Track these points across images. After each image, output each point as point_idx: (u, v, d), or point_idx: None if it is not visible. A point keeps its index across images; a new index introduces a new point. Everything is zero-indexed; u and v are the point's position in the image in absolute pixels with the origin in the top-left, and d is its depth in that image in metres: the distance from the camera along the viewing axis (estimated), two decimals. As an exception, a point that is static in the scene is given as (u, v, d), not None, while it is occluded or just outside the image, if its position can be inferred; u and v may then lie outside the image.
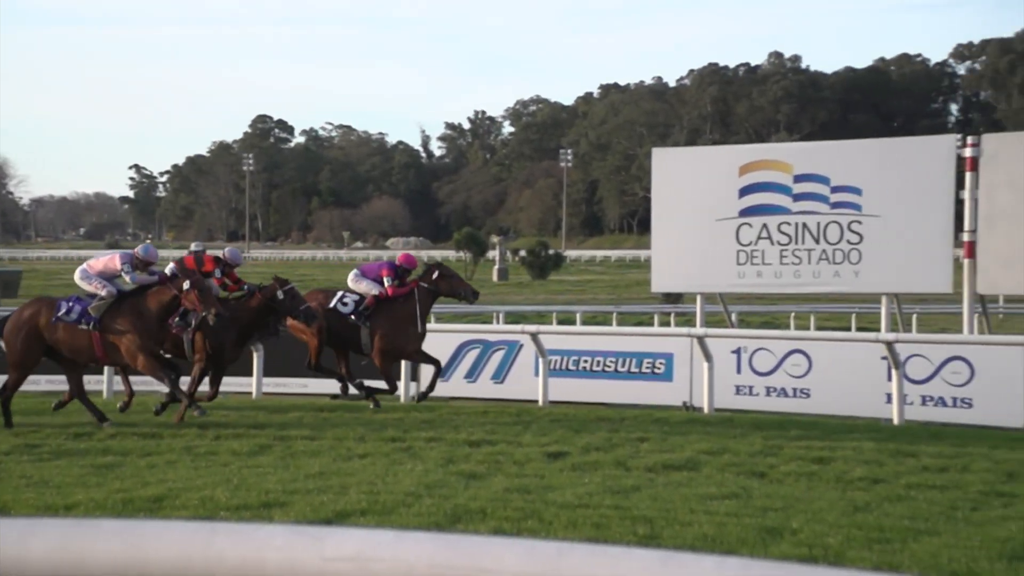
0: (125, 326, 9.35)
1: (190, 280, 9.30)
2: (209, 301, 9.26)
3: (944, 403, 10.68)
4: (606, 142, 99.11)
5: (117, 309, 9.43)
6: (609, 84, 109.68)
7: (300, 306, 9.93)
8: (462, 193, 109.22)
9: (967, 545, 5.12)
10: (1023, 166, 11.77)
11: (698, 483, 6.90)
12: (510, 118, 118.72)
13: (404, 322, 10.52)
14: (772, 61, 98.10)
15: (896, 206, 12.41)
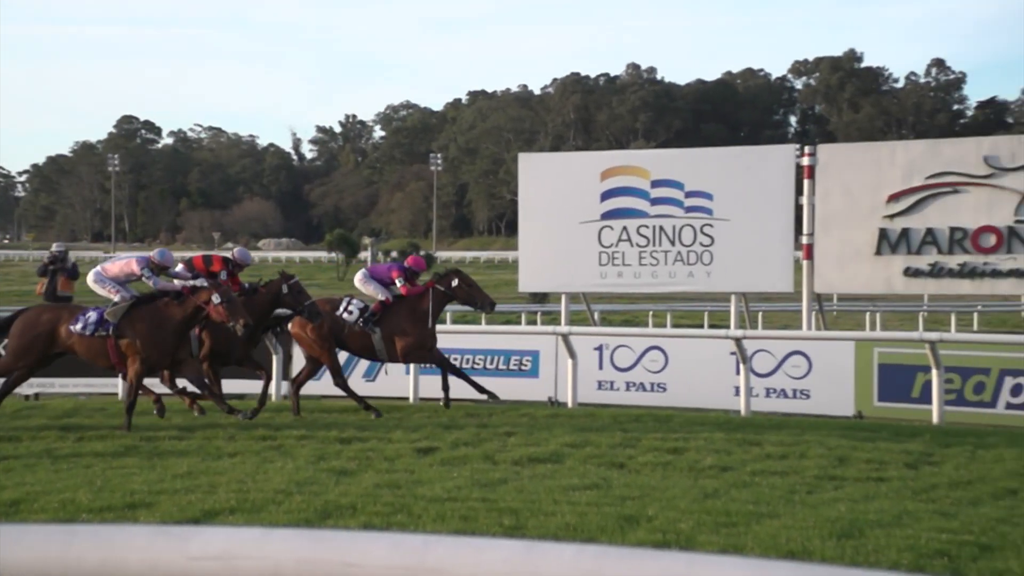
0: (139, 333, 9.18)
1: (219, 292, 9.14)
2: (237, 312, 9.13)
3: (786, 395, 11.41)
4: (475, 147, 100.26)
5: (135, 315, 9.25)
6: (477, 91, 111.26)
7: (304, 302, 9.85)
8: (334, 195, 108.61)
9: (802, 526, 5.54)
10: (853, 174, 12.66)
11: (562, 475, 7.19)
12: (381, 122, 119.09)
13: (419, 322, 10.46)
14: (630, 72, 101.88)
15: (743, 210, 13.12)
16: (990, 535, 5.28)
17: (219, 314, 9.11)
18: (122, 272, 9.52)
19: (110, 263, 9.85)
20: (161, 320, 9.19)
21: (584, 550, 1.72)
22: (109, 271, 9.57)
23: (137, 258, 9.77)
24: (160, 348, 9.16)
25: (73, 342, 9.28)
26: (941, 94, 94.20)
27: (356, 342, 10.49)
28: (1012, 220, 11.85)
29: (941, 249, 12.24)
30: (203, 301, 9.16)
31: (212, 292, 9.16)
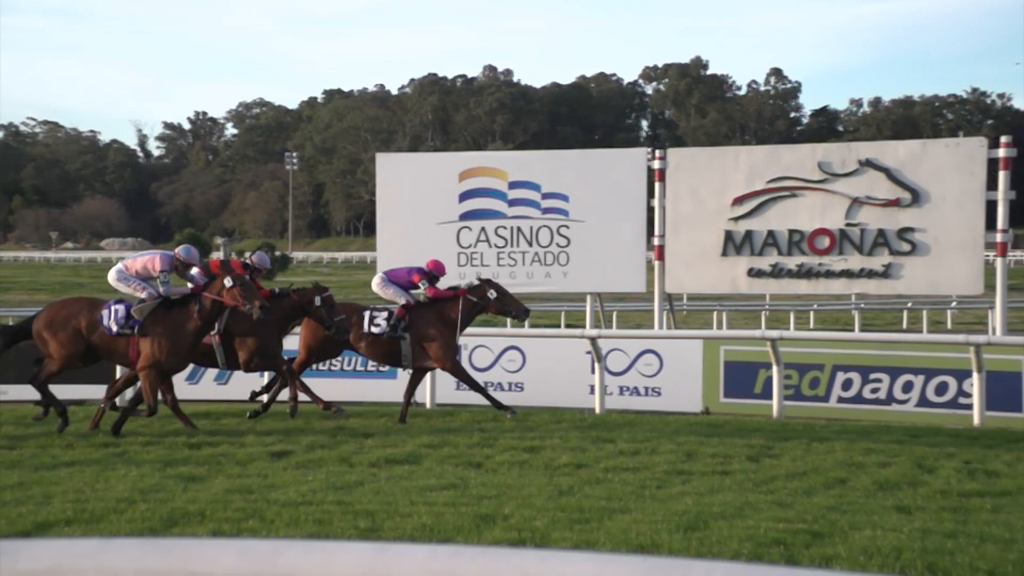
0: (160, 333, 8.93)
1: (231, 276, 8.93)
2: (252, 295, 8.90)
3: (638, 392, 11.75)
4: (331, 146, 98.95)
5: (161, 316, 9.01)
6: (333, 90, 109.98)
7: (335, 317, 9.58)
8: (183, 194, 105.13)
9: (652, 520, 5.71)
10: (701, 178, 13.16)
11: (419, 475, 7.19)
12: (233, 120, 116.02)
13: (449, 328, 10.22)
14: (487, 74, 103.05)
15: (598, 212, 13.44)
16: (821, 523, 5.59)
17: (234, 298, 8.89)
18: (145, 268, 9.28)
19: (131, 259, 9.57)
20: (183, 321, 8.99)
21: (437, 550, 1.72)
22: (131, 267, 9.33)
23: (160, 255, 9.47)
24: (177, 351, 8.98)
25: (96, 337, 9.02)
26: (780, 102, 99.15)
27: (381, 348, 10.29)
28: (843, 223, 12.54)
29: (781, 250, 12.83)
30: (217, 291, 8.96)
31: (224, 277, 8.98)
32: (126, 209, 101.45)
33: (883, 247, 12.37)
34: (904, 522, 5.65)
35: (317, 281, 9.98)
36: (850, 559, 4.86)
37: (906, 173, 12.27)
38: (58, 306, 9.39)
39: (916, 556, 4.90)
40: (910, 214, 12.28)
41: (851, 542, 5.16)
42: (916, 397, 10.80)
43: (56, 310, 9.27)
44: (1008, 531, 5.42)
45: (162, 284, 9.16)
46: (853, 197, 12.49)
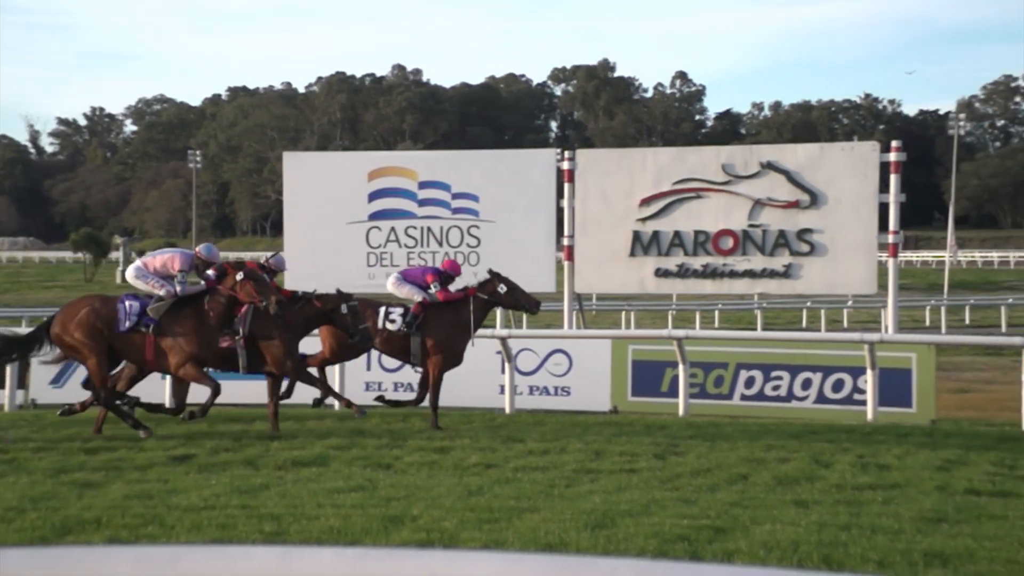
0: (183, 331, 8.74)
1: (243, 271, 8.77)
2: (267, 290, 8.72)
3: (548, 392, 11.84)
4: (237, 144, 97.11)
5: (177, 313, 8.80)
6: (238, 87, 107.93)
7: (359, 325, 9.39)
8: (80, 192, 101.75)
9: (560, 518, 5.77)
10: (609, 179, 13.32)
11: (327, 478, 7.11)
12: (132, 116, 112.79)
13: (459, 330, 10.06)
14: (396, 73, 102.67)
15: (508, 212, 13.48)
16: (724, 518, 5.73)
17: (248, 294, 8.71)
18: (164, 266, 9.09)
19: (151, 257, 9.37)
20: (201, 316, 8.82)
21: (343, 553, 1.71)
22: (151, 265, 9.12)
23: (181, 254, 9.29)
24: (210, 343, 8.83)
25: (110, 335, 8.79)
26: (685, 105, 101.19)
27: (394, 345, 10.16)
28: (746, 224, 12.84)
29: (687, 251, 13.07)
30: (230, 287, 8.78)
31: (235, 272, 8.78)
32: (17, 207, 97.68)
33: (784, 248, 12.71)
34: (802, 516, 5.82)
35: (339, 289, 9.79)
36: (751, 553, 4.98)
37: (805, 175, 12.62)
38: (71, 306, 9.14)
39: (813, 548, 5.06)
40: (809, 216, 12.64)
41: (752, 536, 5.30)
42: (814, 394, 11.13)
43: (69, 310, 9.02)
44: (897, 522, 5.64)
45: (179, 283, 8.98)
46: (755, 199, 12.79)
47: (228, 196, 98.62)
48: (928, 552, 4.99)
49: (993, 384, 14.61)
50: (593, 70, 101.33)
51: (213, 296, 8.89)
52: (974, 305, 29.60)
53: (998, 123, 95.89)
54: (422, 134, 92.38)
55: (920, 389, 10.72)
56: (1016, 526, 5.54)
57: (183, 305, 8.90)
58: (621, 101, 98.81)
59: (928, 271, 50.62)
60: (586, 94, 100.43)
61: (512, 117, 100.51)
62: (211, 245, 9.69)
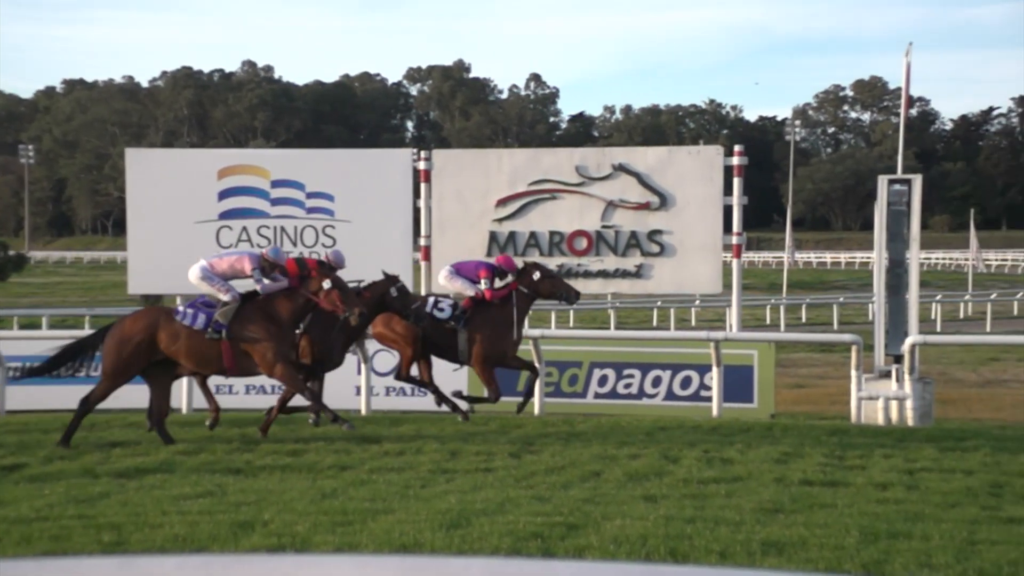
0: (258, 333, 8.55)
1: (331, 279, 8.62)
2: (352, 301, 8.62)
3: (405, 393, 11.77)
4: (74, 140, 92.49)
5: (246, 315, 8.63)
6: (74, 80, 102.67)
7: (411, 305, 9.29)
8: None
9: (415, 519, 5.77)
10: (466, 179, 13.36)
11: (172, 484, 6.89)
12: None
13: (503, 327, 9.85)
14: (246, 69, 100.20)
15: (364, 212, 13.33)
16: (576, 515, 5.85)
17: (332, 303, 8.55)
18: (231, 268, 8.93)
19: (217, 258, 9.18)
20: (273, 319, 8.66)
21: (187, 561, 1.66)
22: (217, 267, 8.93)
23: (249, 255, 9.10)
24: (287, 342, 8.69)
25: (178, 348, 8.58)
26: (539, 107, 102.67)
27: (443, 340, 9.93)
28: (599, 225, 13.12)
29: (543, 251, 13.24)
30: (313, 291, 8.63)
31: (323, 279, 8.61)
32: None
33: (635, 248, 13.05)
34: (650, 510, 6.01)
35: (384, 271, 9.64)
36: (601, 548, 5.11)
37: (655, 178, 13.00)
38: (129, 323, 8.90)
39: (660, 542, 5.23)
40: (659, 217, 13.02)
41: (603, 532, 5.43)
42: (664, 391, 11.49)
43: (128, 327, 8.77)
44: (738, 514, 5.89)
45: (257, 281, 8.82)
46: (608, 200, 13.08)
47: (65, 193, 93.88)
48: (766, 541, 5.24)
49: (826, 379, 15.43)
50: (449, 70, 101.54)
51: (290, 296, 8.72)
52: (810, 304, 31.21)
53: (829, 130, 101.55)
54: (275, 132, 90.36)
55: (761, 385, 11.21)
56: (844, 514, 5.88)
57: (256, 307, 8.73)
58: (477, 102, 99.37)
59: (769, 271, 53.05)
60: (442, 94, 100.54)
61: (367, 116, 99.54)
62: (278, 248, 9.53)
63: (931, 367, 15.05)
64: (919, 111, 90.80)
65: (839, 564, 4.85)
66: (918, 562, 4.86)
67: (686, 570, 2.32)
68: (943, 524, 5.59)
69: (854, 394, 10.65)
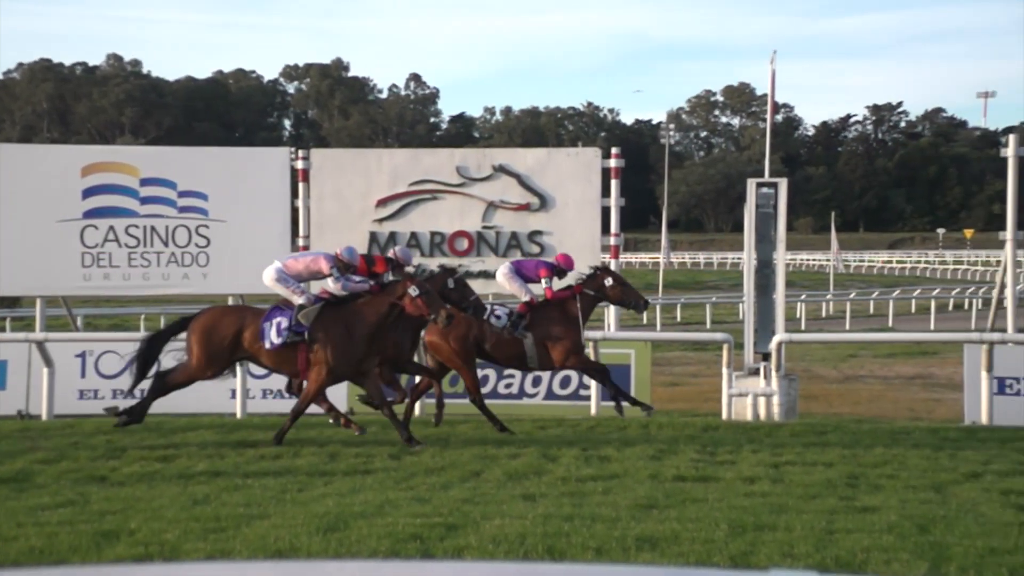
0: (330, 340, 8.40)
1: (416, 285, 8.46)
2: (437, 304, 8.41)
3: (282, 395, 11.54)
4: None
5: (327, 319, 8.47)
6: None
7: (470, 297, 9.06)
8: None
9: (291, 524, 5.68)
10: (345, 179, 13.21)
11: (29, 495, 6.60)
12: None
13: (572, 326, 9.62)
14: (111, 63, 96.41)
15: (241, 212, 13.02)
16: (456, 515, 5.86)
17: (418, 308, 8.39)
18: (307, 270, 8.80)
19: (292, 259, 9.04)
20: (354, 324, 8.45)
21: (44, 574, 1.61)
22: (292, 268, 8.77)
23: (324, 255, 8.90)
24: (350, 357, 8.47)
25: (259, 348, 8.50)
26: (420, 107, 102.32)
27: (505, 351, 9.63)
28: (480, 226, 13.17)
29: (424, 252, 13.20)
30: (398, 296, 8.44)
31: (408, 285, 8.49)
32: None
33: (516, 249, 13.14)
34: (529, 509, 6.07)
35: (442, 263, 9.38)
36: (480, 548, 5.13)
37: (535, 179, 13.13)
38: (218, 314, 8.84)
39: (538, 540, 5.29)
40: (539, 218, 13.15)
41: (482, 531, 5.46)
42: (544, 391, 11.61)
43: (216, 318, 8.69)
44: (614, 510, 6.02)
45: (336, 281, 8.65)
46: (489, 201, 13.14)
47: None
48: (640, 537, 5.36)
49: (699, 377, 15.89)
50: (327, 69, 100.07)
51: (374, 302, 8.55)
52: (684, 304, 32.09)
53: (702, 134, 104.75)
54: (143, 129, 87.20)
55: (638, 383, 11.46)
56: (714, 508, 6.07)
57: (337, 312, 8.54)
58: (356, 101, 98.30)
59: (645, 272, 54.28)
60: (320, 93, 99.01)
61: (242, 114, 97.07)
62: (352, 248, 9.21)
63: (796, 364, 15.67)
64: (784, 117, 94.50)
65: (708, 557, 5.00)
66: (781, 552, 5.06)
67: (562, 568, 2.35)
68: (804, 515, 5.83)
69: (725, 391, 11.01)
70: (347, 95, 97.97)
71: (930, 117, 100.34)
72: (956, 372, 12.39)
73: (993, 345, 10.35)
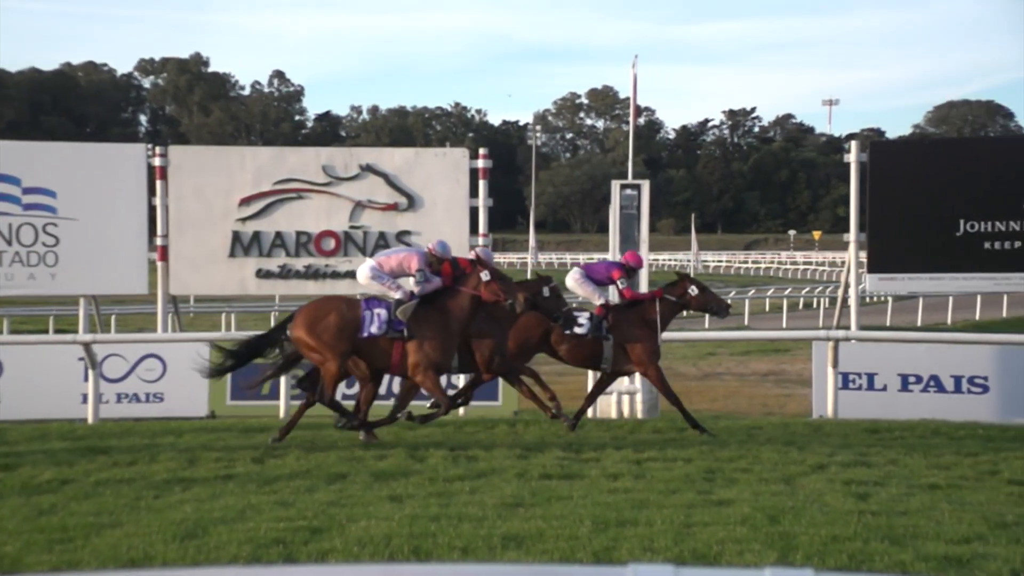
0: (429, 333, 8.47)
1: (489, 271, 8.59)
2: (512, 290, 8.53)
3: (139, 399, 11.20)
4: None
5: (424, 315, 8.53)
6: None
7: (562, 307, 9.02)
8: None
9: (146, 532, 5.49)
10: (207, 177, 12.84)
11: None
12: None
13: (651, 329, 9.57)
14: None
15: (93, 210, 12.50)
16: (321, 518, 5.78)
17: (494, 293, 8.51)
18: (400, 266, 8.77)
19: (385, 256, 9.02)
20: (447, 319, 8.55)
21: None
22: (386, 265, 8.79)
23: (418, 252, 8.91)
24: (448, 351, 8.58)
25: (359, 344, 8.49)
26: (284, 104, 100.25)
27: (584, 351, 9.58)
28: (347, 226, 13.04)
29: (289, 252, 12.98)
30: (474, 286, 8.61)
31: (479, 271, 8.60)
32: None
33: (384, 249, 13.07)
34: (396, 510, 6.04)
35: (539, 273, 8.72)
36: (345, 550, 5.07)
37: (402, 179, 13.08)
38: (315, 307, 8.70)
39: (404, 541, 5.27)
40: (407, 218, 13.11)
41: (347, 534, 5.40)
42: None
43: (315, 311, 8.60)
44: (481, 509, 6.05)
45: (417, 284, 8.67)
46: (356, 200, 13.02)
47: None
48: (506, 535, 5.41)
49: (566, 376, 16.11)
50: (185, 63, 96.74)
51: (456, 296, 8.63)
52: (552, 303, 32.46)
53: (568, 135, 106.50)
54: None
55: (504, 384, 11.54)
56: (579, 505, 6.19)
57: (428, 308, 8.60)
58: (217, 97, 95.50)
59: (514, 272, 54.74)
60: (178, 88, 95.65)
61: (94, 108, 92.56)
62: (445, 242, 9.14)
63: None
64: (646, 120, 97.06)
65: (572, 553, 5.09)
66: (642, 547, 5.19)
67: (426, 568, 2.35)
68: (665, 509, 6.01)
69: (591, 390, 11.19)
70: (207, 91, 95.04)
71: (781, 123, 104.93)
72: (806, 368, 12.98)
73: (838, 342, 10.90)
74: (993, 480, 7.10)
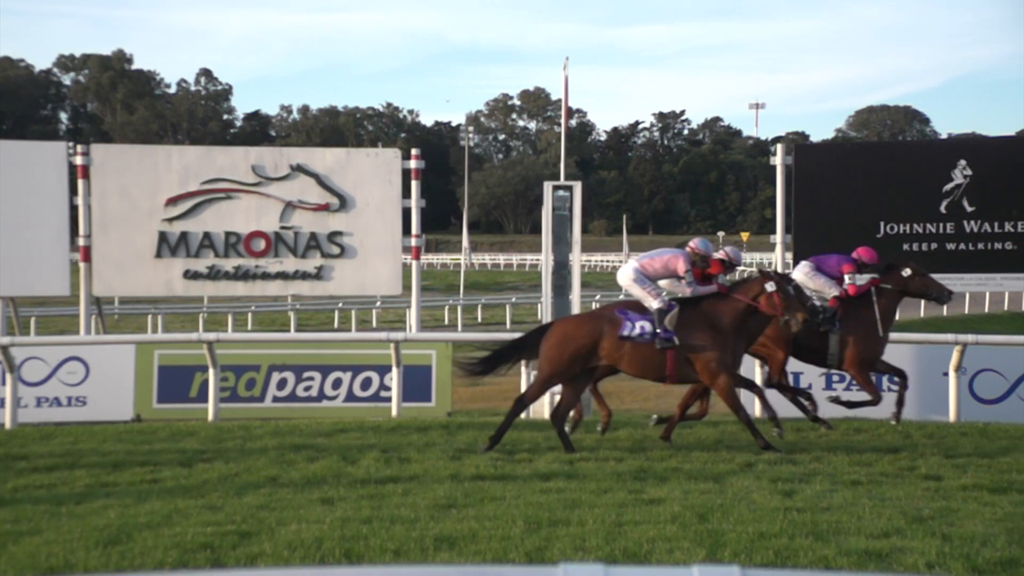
0: (704, 341, 8.26)
1: (774, 281, 8.28)
2: (794, 304, 8.23)
3: (60, 403, 10.90)
4: None
5: (689, 320, 8.32)
6: None
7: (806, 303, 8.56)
8: None
9: (67, 539, 5.34)
10: (131, 176, 12.57)
11: None
12: None
13: (871, 326, 9.32)
14: None
15: (11, 209, 12.16)
16: (250, 522, 5.69)
17: (774, 307, 8.24)
18: (665, 269, 8.53)
19: (648, 259, 8.71)
20: (718, 325, 8.30)
21: None
22: (649, 268, 8.52)
23: (683, 254, 8.59)
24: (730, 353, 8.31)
25: (623, 354, 8.31)
26: (212, 103, 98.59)
27: (812, 342, 9.33)
28: (278, 226, 12.87)
29: (218, 252, 12.77)
30: (754, 296, 8.31)
31: (765, 281, 8.27)
32: None
33: (316, 250, 12.94)
34: (327, 513, 5.98)
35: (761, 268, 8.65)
36: (275, 555, 5.00)
37: (334, 179, 12.96)
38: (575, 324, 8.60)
39: (336, 544, 5.22)
40: (339, 219, 13.00)
41: (277, 538, 5.32)
42: (344, 393, 11.48)
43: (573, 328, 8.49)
44: (414, 511, 6.02)
45: (688, 285, 8.46)
46: (287, 201, 12.87)
47: None
48: (439, 537, 5.40)
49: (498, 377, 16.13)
50: (107, 60, 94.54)
51: (730, 302, 8.38)
52: (485, 304, 32.55)
53: (500, 137, 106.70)
54: None
55: (439, 384, 11.52)
56: (512, 505, 6.19)
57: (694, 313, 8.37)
58: (142, 95, 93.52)
59: (447, 273, 54.66)
60: (100, 86, 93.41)
61: (11, 105, 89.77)
62: (706, 240, 8.99)
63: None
64: (578, 122, 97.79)
65: (505, 554, 5.10)
66: (574, 546, 5.22)
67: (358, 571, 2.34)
68: (596, 509, 6.05)
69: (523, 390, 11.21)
70: (131, 89, 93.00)
71: (710, 126, 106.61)
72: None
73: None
74: (911, 476, 7.31)
